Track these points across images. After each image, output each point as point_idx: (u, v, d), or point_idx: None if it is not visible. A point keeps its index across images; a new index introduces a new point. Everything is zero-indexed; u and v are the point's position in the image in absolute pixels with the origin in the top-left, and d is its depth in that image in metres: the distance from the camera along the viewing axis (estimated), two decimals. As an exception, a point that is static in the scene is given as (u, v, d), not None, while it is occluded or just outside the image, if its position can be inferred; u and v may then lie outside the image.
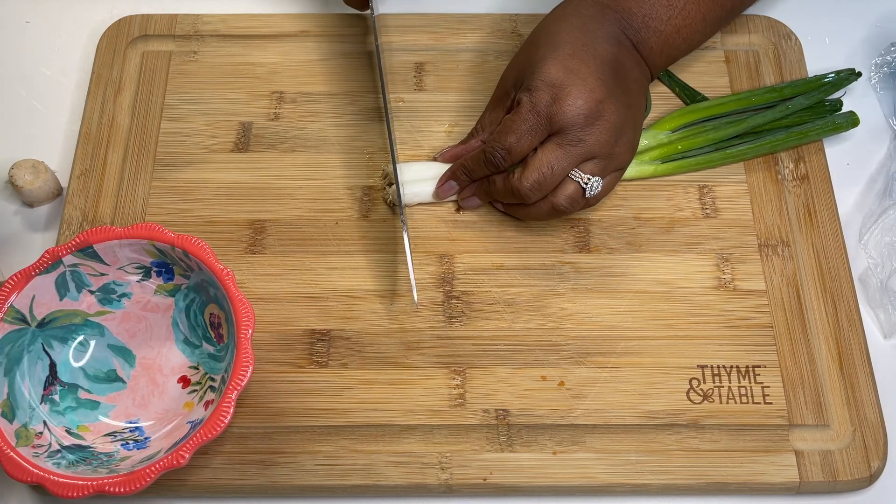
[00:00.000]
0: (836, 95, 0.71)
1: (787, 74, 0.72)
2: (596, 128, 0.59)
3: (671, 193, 0.67)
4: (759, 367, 0.61)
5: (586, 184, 0.60)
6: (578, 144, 0.60)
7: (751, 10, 0.75)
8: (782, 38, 0.74)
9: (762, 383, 0.61)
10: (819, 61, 0.73)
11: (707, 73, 0.72)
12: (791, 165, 0.68)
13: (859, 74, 0.71)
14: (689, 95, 0.71)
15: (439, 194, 0.65)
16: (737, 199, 0.67)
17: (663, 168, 0.67)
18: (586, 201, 0.62)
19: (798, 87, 0.70)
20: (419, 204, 0.66)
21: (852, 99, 0.70)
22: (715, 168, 0.68)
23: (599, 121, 0.59)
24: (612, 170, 0.62)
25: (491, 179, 0.64)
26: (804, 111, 0.69)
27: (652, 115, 0.70)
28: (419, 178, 0.66)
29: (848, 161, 0.70)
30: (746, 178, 0.68)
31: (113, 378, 0.60)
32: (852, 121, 0.69)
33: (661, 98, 0.71)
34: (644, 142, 0.68)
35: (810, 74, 0.72)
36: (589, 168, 0.61)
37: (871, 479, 0.58)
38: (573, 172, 0.61)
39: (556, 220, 0.66)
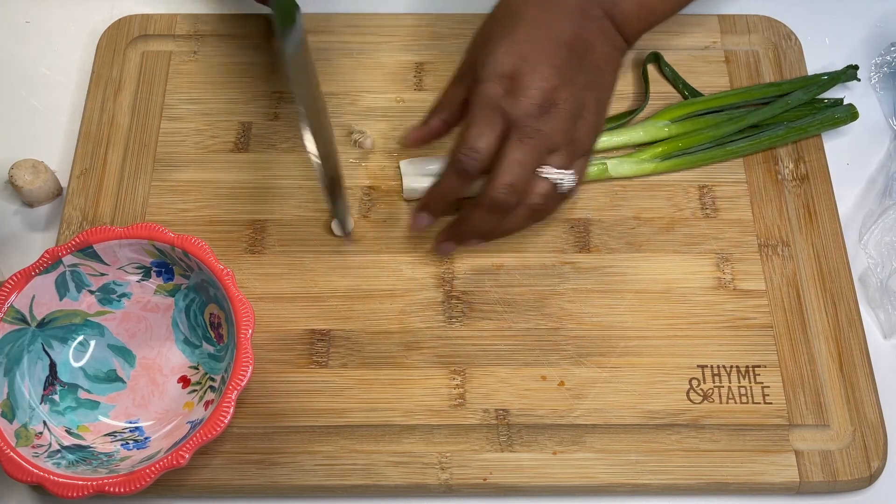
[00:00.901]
0: (836, 96, 0.71)
1: (787, 74, 0.72)
2: (551, 117, 0.57)
3: (671, 193, 0.67)
4: (759, 367, 0.61)
5: (560, 180, 0.59)
6: (536, 135, 0.57)
7: (751, 10, 0.75)
8: (782, 38, 0.74)
9: (762, 383, 0.61)
10: (819, 61, 0.73)
11: (707, 72, 0.72)
12: (791, 165, 0.68)
13: (856, 67, 0.71)
14: (692, 94, 0.71)
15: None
16: (737, 198, 0.67)
17: (664, 165, 0.67)
18: (562, 197, 0.60)
19: (797, 84, 0.70)
20: (420, 199, 0.66)
21: (852, 99, 0.70)
22: (715, 165, 0.68)
23: (554, 109, 0.57)
24: (578, 156, 0.60)
25: (462, 215, 0.61)
26: (804, 106, 0.69)
27: (651, 108, 0.70)
28: (419, 174, 0.66)
29: (848, 161, 0.70)
30: (746, 177, 0.68)
31: (113, 378, 0.60)
32: (851, 114, 0.69)
33: (664, 97, 0.71)
34: (642, 134, 0.68)
35: (810, 74, 0.72)
36: (555, 160, 0.58)
37: (871, 479, 0.58)
38: (544, 171, 0.58)
39: (556, 222, 0.66)
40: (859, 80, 0.72)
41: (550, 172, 0.58)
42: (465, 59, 0.63)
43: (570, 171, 0.59)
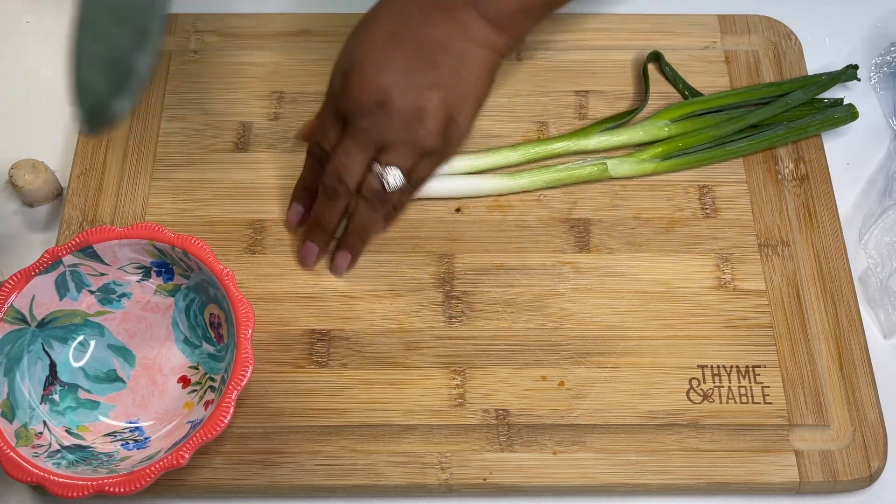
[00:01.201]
0: (836, 96, 0.71)
1: (787, 74, 0.72)
2: (382, 115, 0.57)
3: (671, 193, 0.67)
4: (759, 367, 0.61)
5: (381, 175, 0.58)
6: (361, 133, 0.58)
7: (751, 10, 0.75)
8: (782, 38, 0.74)
9: (762, 383, 0.61)
10: (819, 61, 0.73)
11: (707, 72, 0.72)
12: (791, 165, 0.68)
13: (856, 67, 0.71)
14: (692, 94, 0.71)
15: (305, 261, 0.64)
16: (737, 199, 0.67)
17: (664, 165, 0.67)
18: (401, 194, 0.60)
19: (797, 84, 0.70)
20: (420, 199, 0.66)
21: (852, 99, 0.70)
22: (715, 165, 0.68)
23: (386, 107, 0.57)
24: (418, 156, 0.59)
25: (311, 214, 0.63)
26: (804, 106, 0.69)
27: (651, 108, 0.70)
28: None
29: (848, 161, 0.70)
30: (746, 177, 0.68)
31: (113, 378, 0.60)
32: (851, 114, 0.69)
33: (664, 97, 0.71)
34: (642, 134, 0.68)
35: (810, 74, 0.72)
36: (387, 158, 0.58)
37: (871, 479, 0.58)
38: (374, 167, 0.59)
39: (556, 222, 0.66)
40: (859, 80, 0.72)
41: (376, 168, 0.59)
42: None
43: (395, 168, 0.58)
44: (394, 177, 0.59)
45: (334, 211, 0.62)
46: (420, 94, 0.58)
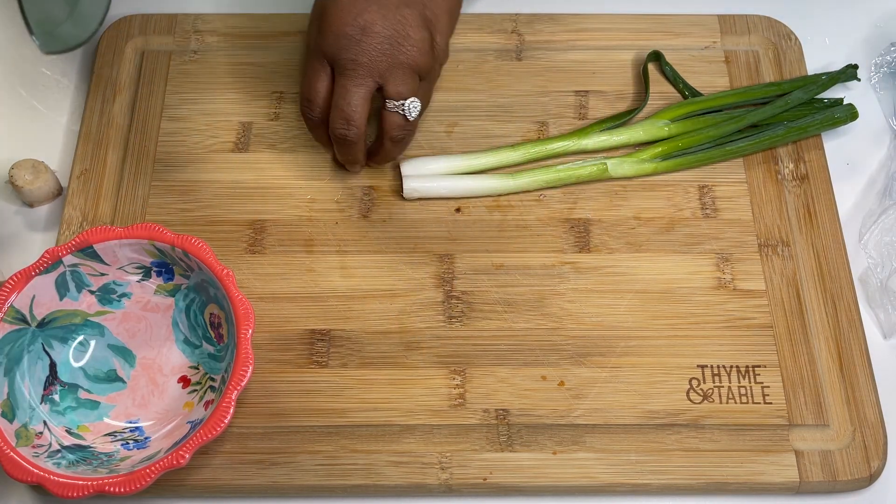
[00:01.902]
0: (836, 96, 0.71)
1: (787, 74, 0.72)
2: (365, 44, 0.58)
3: (671, 193, 0.67)
4: (759, 367, 0.61)
5: (403, 110, 0.60)
6: (356, 68, 0.58)
7: (751, 10, 0.75)
8: (782, 38, 0.74)
9: (762, 383, 0.61)
10: (819, 61, 0.74)
11: (707, 73, 0.72)
12: (791, 165, 0.68)
13: (856, 67, 0.71)
14: (692, 94, 0.71)
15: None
16: (737, 198, 0.67)
17: (664, 165, 0.67)
18: (411, 124, 0.62)
19: (797, 84, 0.70)
20: (419, 199, 0.66)
21: (852, 99, 0.70)
22: (715, 165, 0.68)
23: (366, 36, 0.58)
24: (413, 78, 0.60)
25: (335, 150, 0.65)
26: (804, 106, 0.69)
27: (651, 107, 0.70)
28: (420, 174, 0.66)
29: (848, 161, 0.70)
30: (746, 177, 0.68)
31: (113, 378, 0.60)
32: (851, 114, 0.69)
33: (664, 97, 0.71)
34: (642, 133, 0.68)
35: (810, 74, 0.72)
36: (391, 90, 0.59)
37: (871, 479, 0.58)
38: (388, 104, 0.60)
39: (556, 222, 0.66)
40: (859, 79, 0.72)
41: (391, 105, 0.60)
42: None
43: (413, 99, 0.60)
44: (411, 106, 0.60)
45: (355, 153, 0.63)
46: (397, 14, 0.59)
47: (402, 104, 0.60)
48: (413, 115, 0.61)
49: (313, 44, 0.61)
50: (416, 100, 0.61)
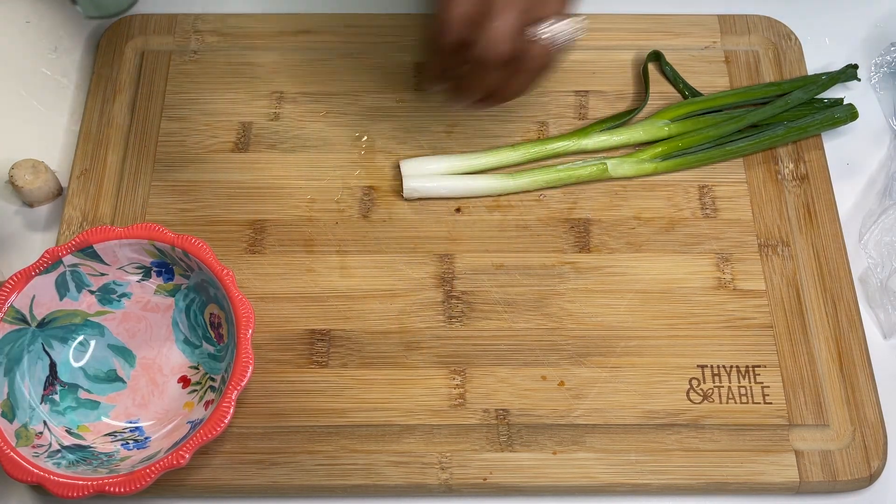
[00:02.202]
0: (836, 96, 0.71)
1: (787, 74, 0.72)
2: None
3: (671, 193, 0.67)
4: (759, 367, 0.61)
5: (555, 31, 0.57)
6: None
7: (751, 10, 0.75)
8: (782, 38, 0.74)
9: (762, 383, 0.61)
10: (819, 61, 0.74)
11: (707, 73, 0.72)
12: (791, 165, 0.68)
13: (856, 67, 0.71)
14: (692, 94, 0.71)
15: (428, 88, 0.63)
16: (737, 199, 0.67)
17: (664, 165, 0.67)
18: (556, 53, 0.58)
19: (797, 84, 0.70)
20: (419, 199, 0.66)
21: (852, 99, 0.70)
22: (715, 165, 0.68)
23: None
24: (559, 9, 0.58)
25: (463, 74, 0.60)
26: (804, 106, 0.69)
27: (651, 107, 0.70)
28: (420, 174, 0.66)
29: (848, 161, 0.70)
30: (746, 177, 0.68)
31: (113, 378, 0.60)
32: (851, 114, 0.69)
33: (664, 97, 0.71)
34: (642, 133, 0.68)
35: (810, 74, 0.72)
36: (548, 11, 0.57)
37: (871, 479, 0.58)
38: (542, 22, 0.57)
39: (556, 222, 0.66)
40: (859, 79, 0.72)
41: (545, 25, 0.57)
42: None
43: (565, 21, 0.57)
44: (566, 27, 0.57)
45: (487, 80, 0.59)
46: None
47: (552, 27, 0.57)
48: (569, 35, 0.57)
49: None
50: (570, 22, 0.57)
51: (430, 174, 0.66)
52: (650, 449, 0.59)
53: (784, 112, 0.69)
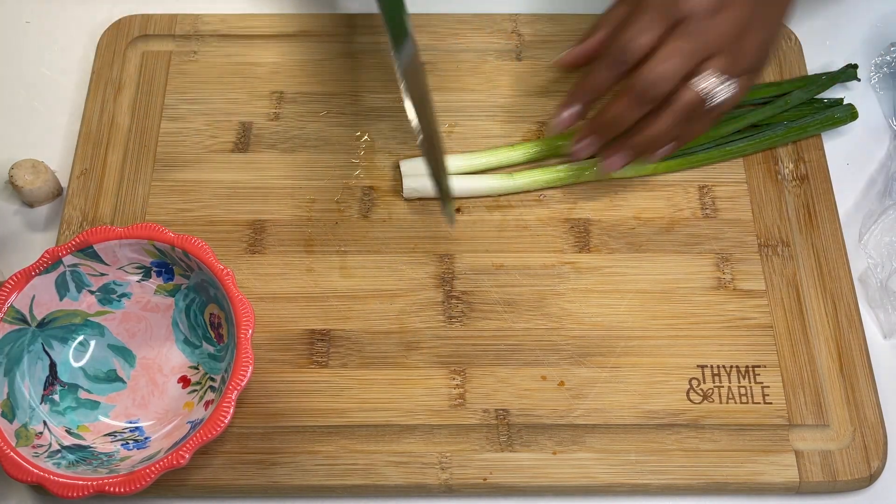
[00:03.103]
0: (836, 96, 0.71)
1: (787, 75, 0.72)
2: (720, 18, 0.56)
3: (671, 193, 0.67)
4: (759, 367, 0.61)
5: (716, 87, 0.56)
6: (701, 33, 0.56)
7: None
8: (782, 38, 0.74)
9: (762, 383, 0.61)
10: (819, 61, 0.73)
11: (707, 73, 0.72)
12: (791, 165, 0.68)
13: (856, 66, 0.71)
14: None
15: (577, 154, 0.62)
16: (737, 199, 0.67)
17: (664, 165, 0.67)
18: (712, 110, 0.58)
19: (797, 83, 0.70)
20: (419, 199, 0.66)
21: (852, 99, 0.70)
22: (715, 165, 0.68)
23: (724, 11, 0.56)
24: (739, 70, 0.58)
25: (605, 104, 0.59)
26: (804, 105, 0.69)
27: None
28: (420, 174, 0.66)
29: (848, 161, 0.70)
30: (746, 178, 0.68)
31: (113, 378, 0.60)
32: (851, 114, 0.69)
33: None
34: None
35: (810, 74, 0.72)
36: (714, 65, 0.56)
37: (871, 479, 0.58)
38: (701, 76, 0.56)
39: (556, 222, 0.66)
40: (859, 79, 0.72)
41: (710, 77, 0.57)
42: None
43: (730, 80, 0.57)
44: (724, 90, 0.57)
45: (635, 115, 0.58)
46: (754, 8, 0.57)
47: (718, 81, 0.57)
48: (720, 97, 0.57)
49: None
50: (733, 85, 0.57)
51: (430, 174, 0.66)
52: (650, 449, 0.59)
53: (784, 112, 0.69)
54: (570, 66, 0.63)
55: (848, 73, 0.71)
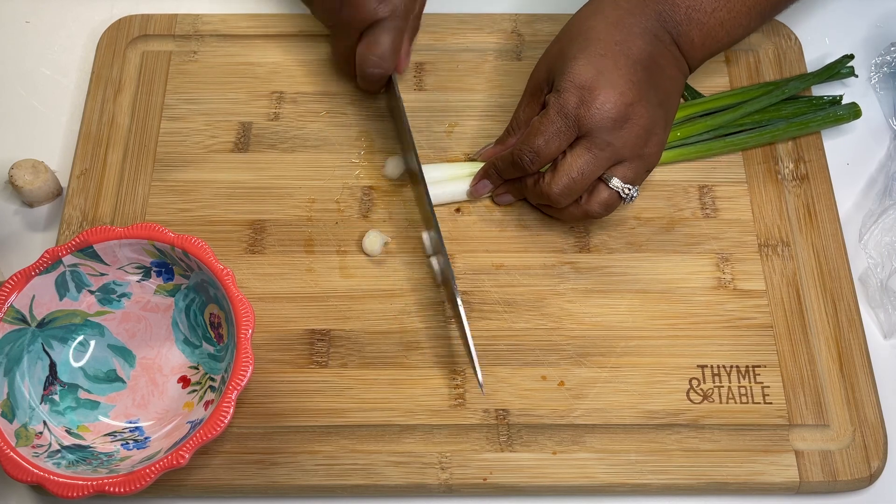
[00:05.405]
0: (835, 94, 0.71)
1: (787, 74, 0.72)
2: (625, 131, 0.59)
3: (671, 193, 0.67)
4: (759, 367, 0.61)
5: (626, 193, 0.61)
6: (607, 148, 0.59)
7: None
8: (782, 38, 0.74)
9: (762, 383, 0.61)
10: (819, 62, 0.73)
11: (707, 73, 0.72)
12: (791, 165, 0.68)
13: (852, 57, 0.71)
14: (692, 95, 0.71)
15: (473, 193, 0.66)
16: (737, 199, 0.67)
17: (663, 156, 0.67)
18: (617, 206, 0.62)
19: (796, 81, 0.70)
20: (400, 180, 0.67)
21: (852, 99, 0.70)
22: (714, 164, 0.68)
23: (628, 123, 0.59)
24: (644, 171, 0.62)
25: (522, 180, 0.63)
26: (806, 103, 0.69)
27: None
28: (438, 180, 0.66)
29: (848, 161, 0.70)
30: (746, 177, 0.68)
31: (113, 378, 0.60)
32: (854, 112, 0.69)
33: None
34: None
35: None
36: (620, 172, 0.60)
37: (871, 479, 0.58)
38: (611, 181, 0.60)
39: (556, 222, 0.66)
40: (857, 75, 0.72)
41: (618, 185, 0.60)
42: (536, 76, 0.64)
43: (636, 187, 0.61)
44: (633, 194, 0.61)
45: (537, 198, 0.63)
46: (654, 113, 0.60)
47: (628, 188, 0.60)
48: (630, 199, 0.61)
49: (568, 107, 0.59)
50: (637, 188, 0.61)
51: (431, 182, 0.66)
52: (650, 449, 0.59)
53: (781, 102, 0.69)
54: (486, 161, 0.66)
55: (843, 61, 0.71)
